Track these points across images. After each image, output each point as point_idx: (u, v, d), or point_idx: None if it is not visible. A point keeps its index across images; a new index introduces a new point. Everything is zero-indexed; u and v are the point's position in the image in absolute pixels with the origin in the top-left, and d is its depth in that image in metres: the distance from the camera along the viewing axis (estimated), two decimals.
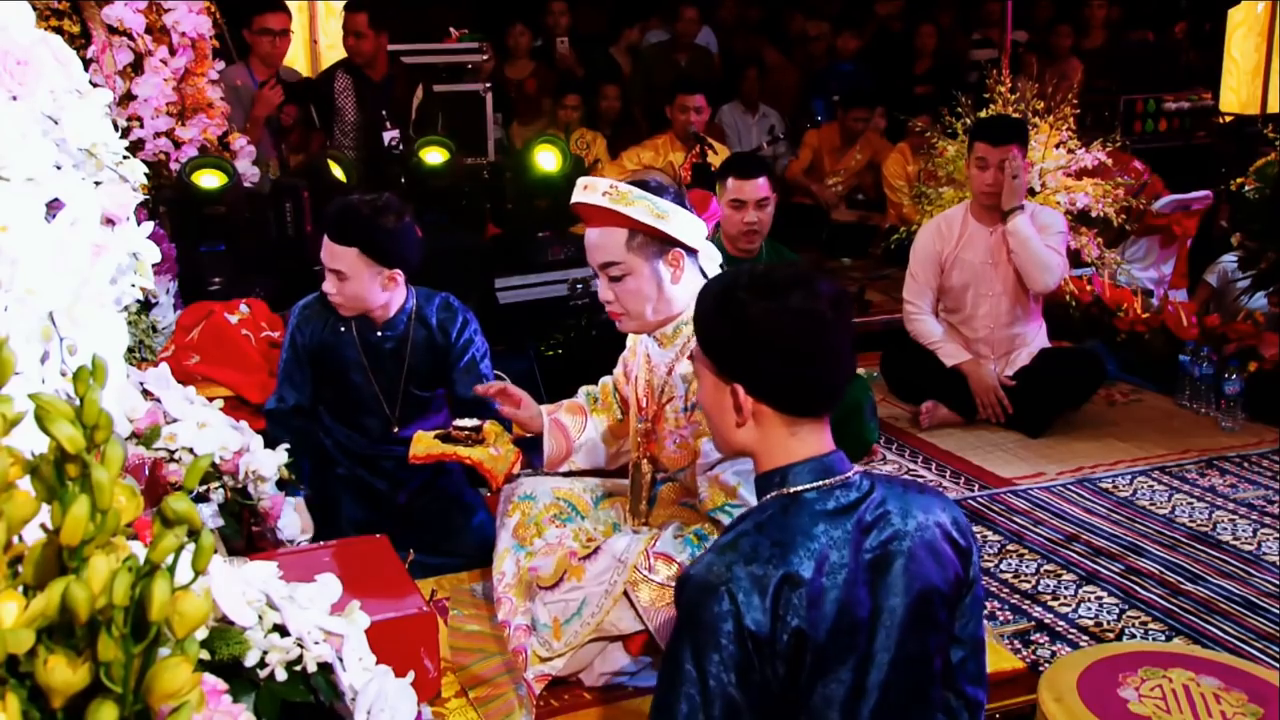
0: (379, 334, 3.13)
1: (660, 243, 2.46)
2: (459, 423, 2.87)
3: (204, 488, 2.42)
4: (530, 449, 2.90)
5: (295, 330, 3.18)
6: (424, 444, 2.85)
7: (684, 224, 2.46)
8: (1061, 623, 2.95)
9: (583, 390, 2.98)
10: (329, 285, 3.03)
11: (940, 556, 1.70)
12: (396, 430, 3.19)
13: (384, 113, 5.19)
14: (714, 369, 1.75)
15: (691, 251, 2.51)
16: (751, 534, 1.65)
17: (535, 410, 2.82)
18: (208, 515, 2.38)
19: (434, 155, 4.72)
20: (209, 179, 4.05)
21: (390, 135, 5.09)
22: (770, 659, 1.59)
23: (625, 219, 2.42)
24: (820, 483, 1.70)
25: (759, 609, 1.57)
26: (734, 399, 1.72)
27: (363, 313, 3.09)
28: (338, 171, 4.74)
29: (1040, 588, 3.14)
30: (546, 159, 4.87)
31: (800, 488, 1.69)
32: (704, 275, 2.53)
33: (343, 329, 3.13)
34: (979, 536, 3.45)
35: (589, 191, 2.46)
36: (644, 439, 2.67)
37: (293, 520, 2.64)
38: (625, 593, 2.41)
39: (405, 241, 3.01)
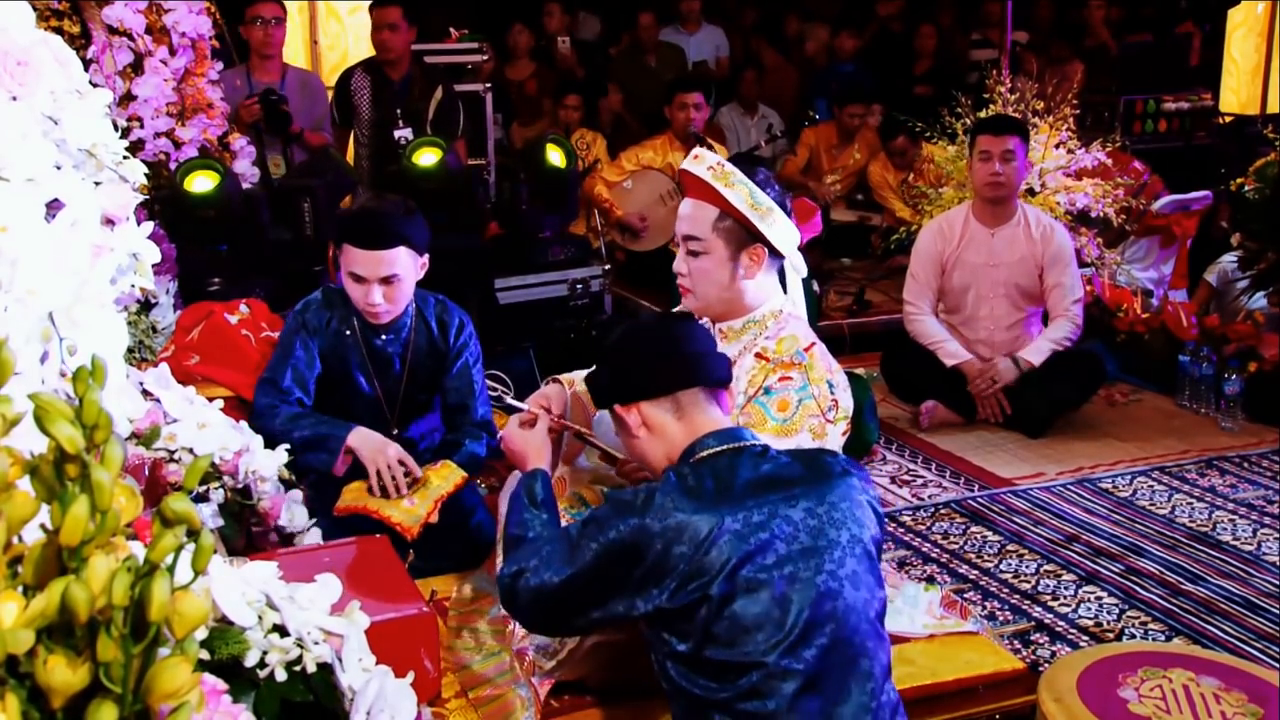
0: (383, 338, 3.07)
1: (746, 234, 2.44)
2: None
3: (204, 488, 2.42)
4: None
5: (301, 327, 3.03)
6: (349, 496, 2.86)
7: (777, 225, 2.45)
8: (1061, 623, 2.94)
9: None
10: (375, 298, 2.90)
11: (859, 508, 1.82)
12: (396, 432, 3.18)
13: (398, 111, 5.16)
14: (605, 406, 2.05)
15: (776, 255, 2.49)
16: (660, 490, 1.77)
17: (564, 402, 2.70)
18: (208, 515, 2.38)
19: (427, 157, 4.69)
20: (201, 182, 3.98)
21: (401, 134, 5.06)
22: (660, 587, 1.73)
23: (720, 198, 2.42)
24: (729, 446, 1.84)
25: (656, 552, 1.72)
26: (618, 418, 1.96)
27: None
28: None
29: (1040, 588, 3.14)
30: (554, 159, 4.87)
31: (709, 452, 1.84)
32: (783, 282, 2.53)
33: (347, 333, 3.05)
34: (979, 536, 3.45)
35: (697, 162, 2.47)
36: None
37: (300, 511, 2.65)
38: None
39: (426, 225, 3.00)
